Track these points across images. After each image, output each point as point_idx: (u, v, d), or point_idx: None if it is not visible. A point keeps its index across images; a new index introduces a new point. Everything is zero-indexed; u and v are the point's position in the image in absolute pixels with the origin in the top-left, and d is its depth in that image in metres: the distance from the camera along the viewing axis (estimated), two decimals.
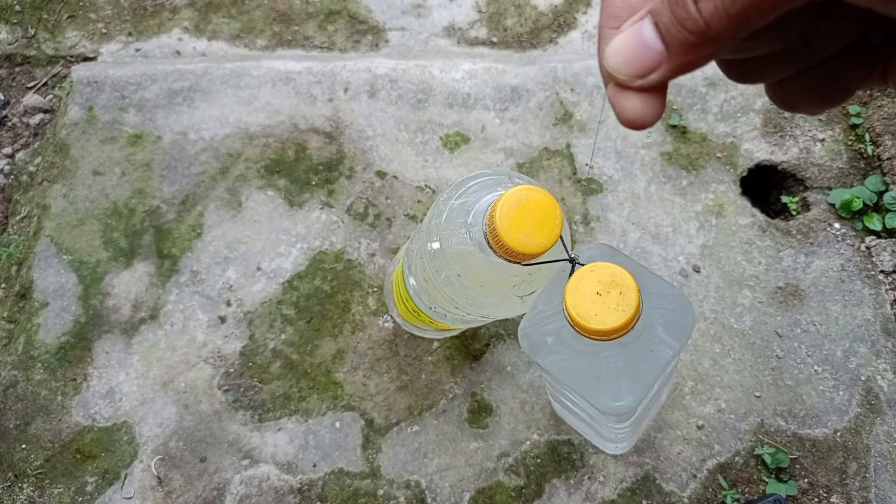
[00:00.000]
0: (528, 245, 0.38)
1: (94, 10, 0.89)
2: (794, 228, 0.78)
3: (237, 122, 0.80)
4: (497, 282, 0.44)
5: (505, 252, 0.39)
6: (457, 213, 0.44)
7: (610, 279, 0.37)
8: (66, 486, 0.64)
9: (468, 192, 0.45)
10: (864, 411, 0.70)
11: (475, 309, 0.47)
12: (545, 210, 0.39)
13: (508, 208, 0.38)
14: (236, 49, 0.88)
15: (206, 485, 0.65)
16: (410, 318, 0.62)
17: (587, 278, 0.37)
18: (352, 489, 0.65)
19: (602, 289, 0.37)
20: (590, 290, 0.37)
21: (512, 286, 0.45)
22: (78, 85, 0.82)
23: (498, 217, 0.38)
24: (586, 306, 0.36)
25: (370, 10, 0.92)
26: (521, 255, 0.39)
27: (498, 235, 0.38)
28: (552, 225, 0.39)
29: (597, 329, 0.36)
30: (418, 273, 0.52)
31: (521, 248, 0.38)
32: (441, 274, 0.45)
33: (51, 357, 0.69)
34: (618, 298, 0.36)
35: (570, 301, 0.37)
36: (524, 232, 0.38)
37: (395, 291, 0.63)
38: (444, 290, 0.46)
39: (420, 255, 0.48)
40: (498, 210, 0.38)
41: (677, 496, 0.66)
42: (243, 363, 0.69)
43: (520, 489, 0.66)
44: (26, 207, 0.77)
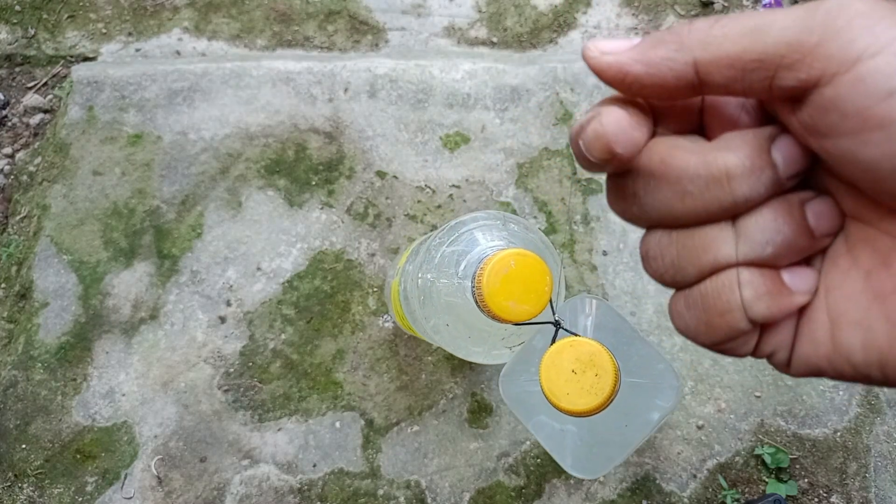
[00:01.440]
0: (514, 313, 0.38)
1: (94, 10, 0.89)
2: None
3: (237, 122, 0.80)
4: (486, 334, 0.44)
5: (493, 317, 0.39)
6: (448, 262, 0.44)
7: (588, 358, 0.36)
8: (66, 486, 0.64)
9: (461, 238, 0.45)
10: (864, 411, 0.70)
11: (463, 355, 0.47)
12: (534, 277, 0.38)
13: (496, 275, 0.38)
14: (236, 49, 0.88)
15: (206, 485, 0.65)
16: (408, 327, 0.62)
17: (565, 354, 0.37)
18: (352, 489, 0.65)
19: (578, 367, 0.36)
20: (566, 367, 0.36)
21: (500, 338, 0.45)
22: (78, 85, 0.82)
23: (485, 284, 0.38)
24: (560, 383, 0.36)
25: (370, 10, 0.92)
26: (509, 321, 0.39)
27: (485, 301, 0.38)
28: (540, 293, 0.38)
29: (565, 409, 0.36)
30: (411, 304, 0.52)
31: (507, 317, 0.38)
32: (430, 322, 0.45)
33: (51, 357, 0.69)
34: (593, 380, 0.36)
35: (544, 375, 0.36)
36: (511, 299, 0.38)
37: (392, 299, 0.63)
38: (432, 336, 0.46)
39: (407, 295, 0.47)
40: (486, 277, 0.38)
41: (677, 496, 0.66)
42: (243, 363, 0.69)
43: (520, 489, 0.66)
44: (26, 207, 0.77)
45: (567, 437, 0.42)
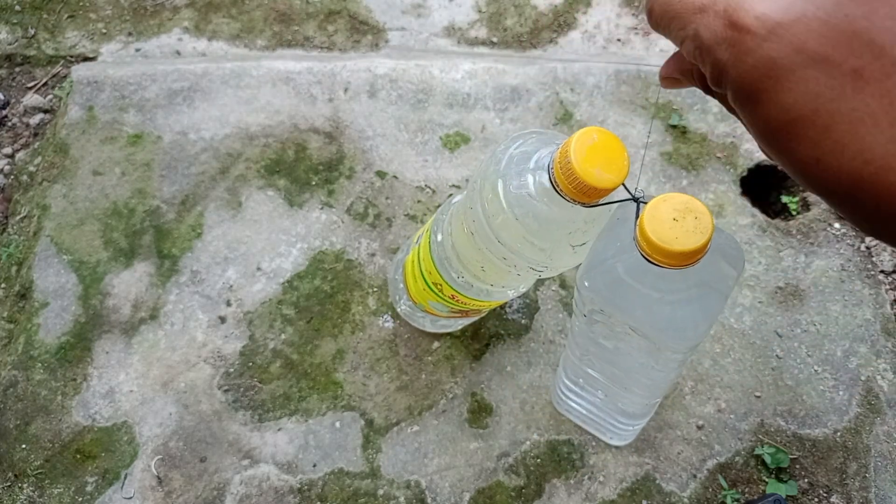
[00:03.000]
0: (601, 180, 0.40)
1: (94, 10, 0.89)
2: (794, 228, 0.78)
3: (237, 122, 0.80)
4: (554, 227, 0.45)
5: (576, 188, 0.40)
6: (518, 160, 0.45)
7: (684, 206, 0.38)
8: (66, 486, 0.64)
9: (527, 142, 0.47)
10: (864, 411, 0.70)
11: (526, 257, 0.48)
12: (615, 149, 0.40)
13: (582, 145, 0.40)
14: (236, 49, 0.88)
15: (206, 485, 0.65)
16: (424, 296, 0.62)
17: (662, 207, 0.38)
18: (352, 489, 0.65)
19: (678, 215, 0.38)
20: (667, 217, 0.38)
21: (567, 233, 0.46)
22: (78, 85, 0.82)
23: (573, 152, 0.39)
24: (665, 231, 0.38)
25: (370, 10, 0.92)
26: (593, 191, 0.40)
27: (572, 170, 0.39)
28: (621, 163, 0.40)
29: (680, 251, 0.37)
30: (459, 233, 0.53)
31: (595, 182, 0.40)
32: (497, 218, 0.46)
33: (51, 357, 0.69)
34: (694, 223, 0.38)
35: (649, 228, 0.38)
36: (597, 167, 0.40)
37: (408, 271, 0.63)
38: (498, 235, 0.47)
39: (471, 206, 0.49)
40: (573, 146, 0.40)
41: (677, 496, 0.66)
42: (243, 363, 0.69)
43: (520, 489, 0.66)
44: (26, 207, 0.77)
45: (666, 304, 0.44)
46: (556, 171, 0.41)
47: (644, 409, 0.60)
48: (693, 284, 0.42)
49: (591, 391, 0.61)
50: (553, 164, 0.42)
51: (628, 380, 0.55)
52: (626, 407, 0.60)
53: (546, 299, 0.73)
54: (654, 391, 0.57)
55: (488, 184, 0.46)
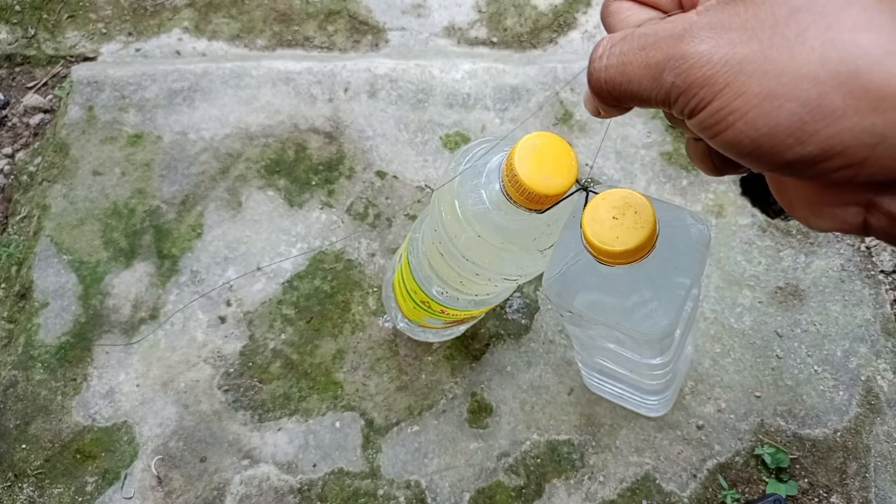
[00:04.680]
0: (549, 186, 0.39)
1: (94, 10, 0.89)
2: (794, 228, 0.78)
3: (237, 122, 0.80)
4: (517, 236, 0.45)
5: (527, 198, 0.40)
6: (468, 177, 0.45)
7: (622, 202, 0.37)
8: (66, 486, 0.64)
9: (475, 157, 0.46)
10: (864, 411, 0.70)
11: (497, 269, 0.48)
12: (559, 152, 0.40)
13: (526, 153, 0.39)
14: (236, 49, 0.88)
15: (206, 485, 0.65)
16: (417, 314, 0.61)
17: (601, 206, 0.38)
18: (352, 489, 0.65)
19: (617, 212, 0.37)
20: (606, 217, 0.37)
21: (532, 239, 0.45)
22: (78, 85, 0.82)
23: (517, 164, 0.39)
24: (606, 232, 0.37)
25: (370, 10, 0.92)
26: (544, 198, 0.39)
27: (519, 181, 0.39)
28: (569, 165, 0.40)
29: (622, 251, 0.37)
30: (432, 252, 0.52)
31: (543, 190, 0.39)
32: (460, 238, 0.46)
33: (51, 357, 0.69)
34: (634, 218, 0.37)
35: (589, 231, 0.37)
36: (544, 174, 0.39)
37: (397, 291, 0.63)
38: (464, 253, 0.47)
39: (434, 228, 0.49)
40: (516, 157, 0.39)
41: (677, 496, 0.66)
42: (243, 363, 0.69)
43: (520, 489, 0.66)
44: (26, 207, 0.77)
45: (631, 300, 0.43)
46: (505, 182, 0.40)
47: (665, 385, 0.59)
48: (651, 276, 0.41)
49: (613, 376, 0.61)
50: (502, 177, 0.41)
51: (634, 368, 0.55)
52: (647, 387, 0.59)
53: (546, 299, 0.73)
54: (664, 376, 0.56)
55: (445, 205, 0.46)
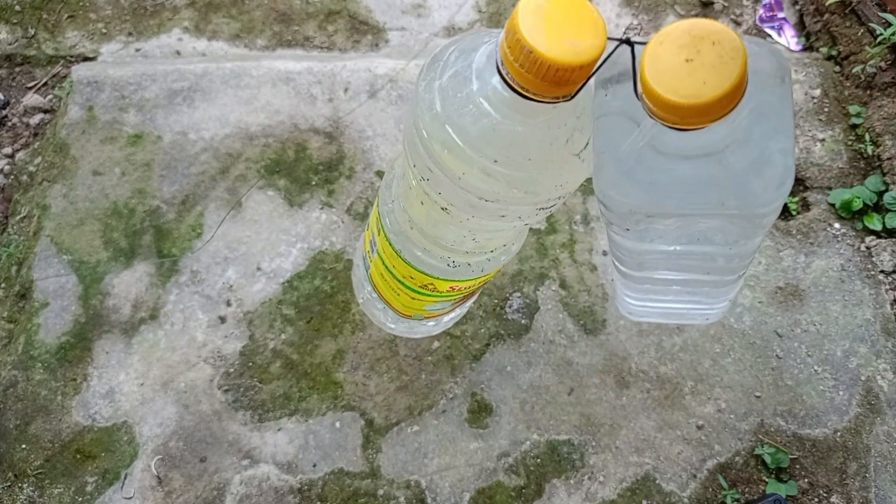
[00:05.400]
0: (581, 51, 0.28)
1: (94, 10, 0.89)
2: (794, 228, 0.78)
3: (237, 122, 0.80)
4: (545, 142, 0.34)
5: (553, 78, 0.28)
6: (454, 90, 0.33)
7: (690, 37, 0.26)
8: (66, 486, 0.64)
9: (450, 62, 0.34)
10: (864, 411, 0.70)
11: (529, 198, 0.36)
12: (575, 6, 0.28)
13: (533, 18, 0.27)
14: (236, 49, 0.88)
15: (206, 485, 0.65)
16: (417, 304, 0.53)
17: (664, 52, 0.26)
18: (352, 489, 0.65)
19: (689, 52, 0.26)
20: (676, 62, 0.26)
21: (565, 142, 0.34)
22: (78, 85, 0.82)
23: (527, 33, 0.27)
24: (685, 81, 0.26)
25: (370, 10, 0.92)
26: (577, 71, 0.28)
27: (538, 57, 0.27)
28: (591, 17, 0.28)
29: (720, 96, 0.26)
30: (424, 215, 0.42)
31: (574, 59, 0.28)
32: (472, 173, 0.34)
33: (51, 357, 0.69)
34: (715, 51, 0.26)
35: (662, 89, 0.26)
36: (566, 38, 0.28)
37: (382, 288, 0.55)
38: (481, 192, 0.35)
39: (422, 178, 0.37)
40: (522, 25, 0.27)
41: (677, 496, 0.66)
42: (243, 363, 0.69)
43: (520, 489, 0.66)
44: (26, 207, 0.77)
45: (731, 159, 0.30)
46: (511, 70, 0.29)
47: (734, 278, 0.48)
48: (746, 122, 0.30)
49: (664, 291, 0.50)
50: (504, 66, 0.29)
51: (720, 262, 0.43)
52: (726, 284, 0.48)
53: (546, 299, 0.73)
54: (743, 261, 0.44)
55: (436, 142, 0.34)
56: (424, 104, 0.34)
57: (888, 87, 0.84)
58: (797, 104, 0.85)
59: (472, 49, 0.33)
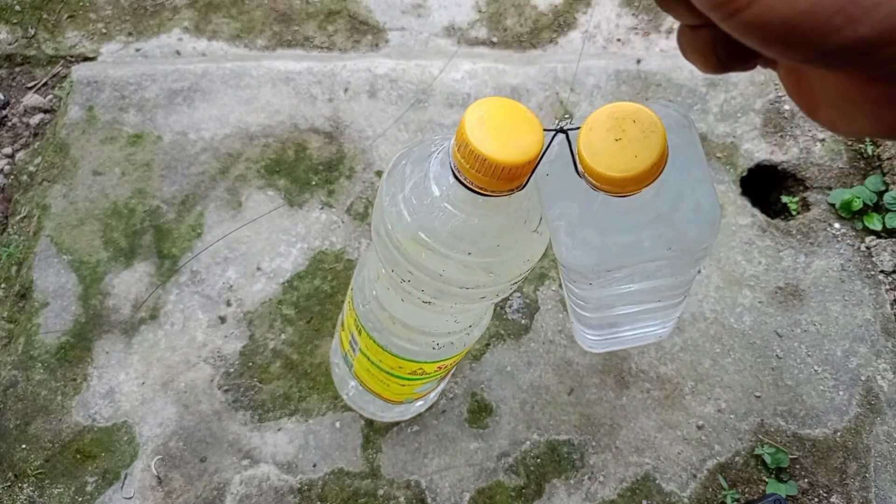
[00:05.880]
0: (527, 149, 0.32)
1: (94, 10, 0.89)
2: (794, 228, 0.78)
3: (237, 122, 0.80)
4: (508, 229, 0.38)
5: (506, 176, 0.32)
6: (418, 199, 0.37)
7: (613, 120, 0.31)
8: (66, 486, 0.64)
9: (407, 174, 0.38)
10: (864, 411, 0.70)
11: (505, 279, 0.40)
12: (508, 110, 0.32)
13: (480, 131, 0.32)
14: (236, 49, 0.88)
15: (206, 485, 0.65)
16: (407, 390, 0.54)
17: (594, 137, 0.31)
18: (352, 489, 0.65)
19: (616, 133, 0.31)
20: (607, 144, 0.31)
21: (523, 223, 0.38)
22: (78, 85, 0.82)
23: (478, 144, 0.31)
24: (619, 158, 0.31)
25: (370, 10, 0.92)
26: (524, 167, 0.32)
27: (492, 163, 0.31)
28: (527, 118, 0.32)
29: (651, 165, 0.30)
30: (412, 312, 0.45)
31: (523, 157, 0.32)
32: (448, 267, 0.38)
33: (51, 357, 0.69)
34: (637, 128, 0.31)
35: (602, 168, 0.30)
36: (512, 140, 0.32)
37: (371, 383, 0.56)
38: (460, 282, 0.39)
39: (403, 280, 0.41)
40: (471, 137, 0.31)
41: (677, 496, 0.66)
42: (243, 363, 0.69)
43: (520, 489, 0.66)
44: (26, 207, 0.77)
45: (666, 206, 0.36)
46: (471, 178, 0.33)
47: (681, 299, 0.54)
48: (675, 172, 0.35)
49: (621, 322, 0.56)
50: (461, 174, 0.33)
51: (669, 291, 0.50)
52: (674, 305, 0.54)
53: (546, 299, 0.73)
54: (687, 285, 0.50)
55: (412, 248, 0.38)
56: (393, 217, 0.38)
57: None
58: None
59: (423, 159, 0.37)
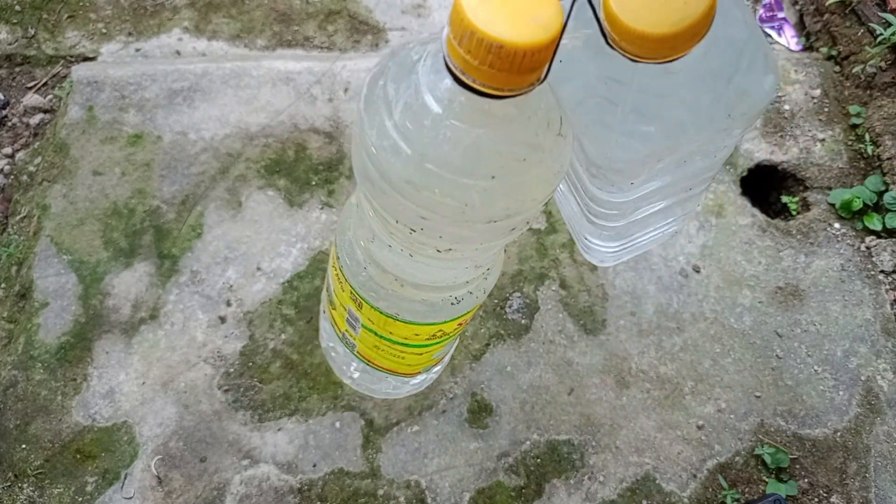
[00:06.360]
0: (548, 24, 0.24)
1: (94, 10, 0.90)
2: (794, 228, 0.78)
3: (237, 122, 0.80)
4: (531, 136, 0.30)
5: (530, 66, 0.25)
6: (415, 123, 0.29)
7: None
8: (66, 486, 0.64)
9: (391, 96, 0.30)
10: (864, 411, 0.70)
11: (537, 193, 0.32)
12: None
13: (484, 10, 0.24)
14: (236, 49, 0.88)
15: (206, 485, 0.65)
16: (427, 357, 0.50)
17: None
18: (352, 489, 0.65)
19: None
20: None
21: (546, 126, 0.31)
22: (78, 85, 0.82)
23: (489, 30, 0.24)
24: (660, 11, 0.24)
25: (370, 10, 0.92)
26: (550, 46, 0.25)
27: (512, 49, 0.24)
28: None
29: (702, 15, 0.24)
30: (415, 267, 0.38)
31: (546, 36, 0.24)
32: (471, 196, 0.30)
33: (51, 357, 0.69)
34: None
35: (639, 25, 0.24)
36: (524, 19, 0.24)
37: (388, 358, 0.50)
38: (489, 211, 0.31)
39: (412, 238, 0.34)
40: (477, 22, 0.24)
41: (677, 496, 0.66)
42: (243, 363, 0.69)
43: (520, 489, 0.66)
44: (26, 207, 0.77)
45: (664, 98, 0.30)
46: (483, 78, 0.26)
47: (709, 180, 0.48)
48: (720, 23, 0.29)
49: (644, 225, 0.51)
50: (468, 75, 0.26)
51: (690, 182, 0.43)
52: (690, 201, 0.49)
53: (546, 299, 0.73)
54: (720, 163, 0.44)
55: (421, 185, 0.30)
56: (388, 153, 0.30)
57: (888, 87, 0.84)
58: (797, 104, 0.85)
59: (407, 72, 0.30)
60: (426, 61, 0.29)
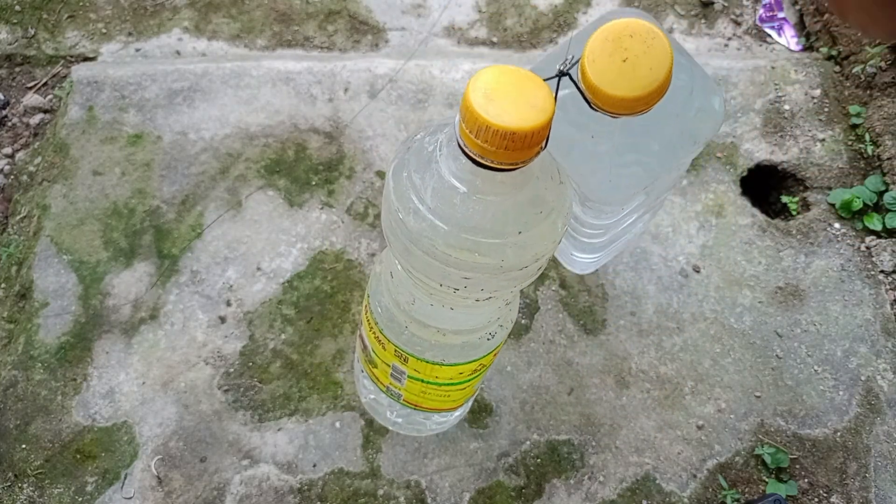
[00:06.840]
0: (545, 106, 0.30)
1: (94, 10, 0.90)
2: (794, 228, 0.78)
3: (237, 122, 0.80)
4: (542, 191, 0.36)
5: (535, 141, 0.30)
6: (446, 202, 0.34)
7: (615, 42, 0.29)
8: (66, 486, 0.64)
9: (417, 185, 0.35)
10: (864, 411, 0.70)
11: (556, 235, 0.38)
12: (503, 75, 0.30)
13: (493, 107, 0.29)
14: (236, 49, 0.88)
15: (206, 485, 0.65)
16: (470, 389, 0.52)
17: (599, 65, 0.29)
18: (352, 489, 0.65)
19: (620, 54, 0.29)
20: (615, 67, 0.29)
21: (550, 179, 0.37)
22: (78, 85, 0.82)
23: (499, 122, 0.29)
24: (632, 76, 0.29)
25: (370, 10, 0.92)
26: (548, 123, 0.30)
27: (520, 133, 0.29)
28: (524, 75, 0.30)
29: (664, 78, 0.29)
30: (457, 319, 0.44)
31: (545, 117, 0.30)
32: (506, 252, 0.36)
33: (51, 357, 0.69)
34: (643, 43, 0.30)
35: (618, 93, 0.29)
36: (525, 105, 0.30)
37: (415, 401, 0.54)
38: (520, 260, 0.37)
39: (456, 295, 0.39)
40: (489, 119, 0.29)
41: (677, 496, 0.66)
42: (243, 363, 0.69)
43: (520, 489, 0.66)
44: (26, 207, 0.77)
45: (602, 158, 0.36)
46: (498, 159, 0.31)
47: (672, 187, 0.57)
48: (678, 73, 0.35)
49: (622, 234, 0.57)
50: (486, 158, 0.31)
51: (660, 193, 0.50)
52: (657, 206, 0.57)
53: (546, 299, 0.73)
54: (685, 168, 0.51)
55: (463, 251, 0.35)
56: (427, 232, 0.35)
57: (888, 87, 0.84)
58: (797, 104, 0.85)
59: (427, 162, 0.35)
60: (442, 150, 0.34)
